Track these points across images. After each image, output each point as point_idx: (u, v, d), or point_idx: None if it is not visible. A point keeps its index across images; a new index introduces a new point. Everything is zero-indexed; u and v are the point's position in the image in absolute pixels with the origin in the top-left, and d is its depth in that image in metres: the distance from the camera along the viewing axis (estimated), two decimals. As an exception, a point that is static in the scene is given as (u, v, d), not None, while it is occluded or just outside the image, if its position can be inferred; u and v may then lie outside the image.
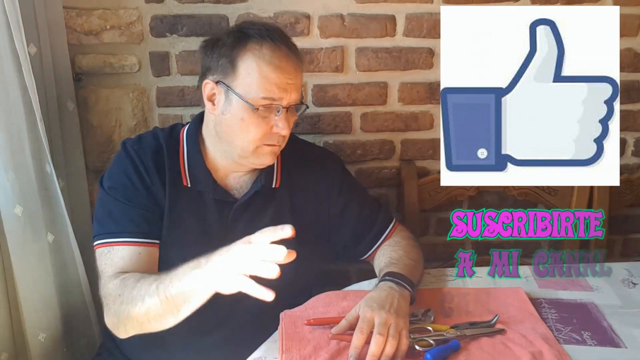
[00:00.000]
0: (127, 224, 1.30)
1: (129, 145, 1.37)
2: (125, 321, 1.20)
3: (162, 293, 1.13)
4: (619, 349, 1.21)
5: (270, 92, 1.27)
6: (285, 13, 1.72)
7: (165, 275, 1.16)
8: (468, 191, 1.85)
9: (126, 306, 1.18)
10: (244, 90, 1.27)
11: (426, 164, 1.90)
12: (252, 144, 1.30)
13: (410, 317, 1.26)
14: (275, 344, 1.21)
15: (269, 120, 1.29)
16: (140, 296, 1.16)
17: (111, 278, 1.25)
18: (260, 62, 1.27)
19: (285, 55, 1.29)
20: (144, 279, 1.19)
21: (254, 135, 1.29)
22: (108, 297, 1.24)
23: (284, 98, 1.28)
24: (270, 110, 1.28)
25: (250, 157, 1.32)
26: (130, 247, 1.29)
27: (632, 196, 1.90)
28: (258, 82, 1.26)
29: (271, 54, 1.28)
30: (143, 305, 1.15)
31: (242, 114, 1.28)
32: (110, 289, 1.23)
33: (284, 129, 1.29)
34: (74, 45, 1.68)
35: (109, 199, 1.33)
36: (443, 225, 1.98)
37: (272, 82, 1.26)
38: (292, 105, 1.31)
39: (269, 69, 1.27)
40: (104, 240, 1.30)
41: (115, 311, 1.21)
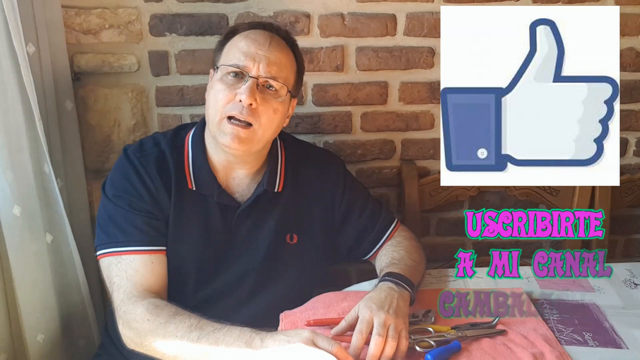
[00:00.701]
0: (135, 233, 1.30)
1: (131, 152, 1.36)
2: (148, 346, 1.19)
3: (201, 348, 1.13)
4: (621, 350, 1.21)
5: (237, 59, 1.29)
6: (285, 12, 1.72)
7: (209, 326, 1.16)
8: (469, 191, 1.85)
9: (155, 337, 1.18)
10: (221, 63, 1.32)
11: (427, 164, 1.90)
12: (217, 113, 1.29)
13: (411, 317, 1.26)
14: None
15: (234, 89, 1.28)
16: (175, 337, 1.16)
17: (139, 298, 1.24)
18: (238, 38, 1.33)
19: (264, 33, 1.33)
20: (181, 317, 1.19)
21: (218, 102, 1.29)
22: (132, 316, 1.22)
23: (251, 67, 1.28)
24: (238, 80, 1.29)
25: (218, 132, 1.30)
26: (141, 256, 1.29)
27: (633, 196, 1.90)
28: (230, 52, 1.31)
29: (251, 32, 1.33)
30: (176, 346, 1.15)
31: (214, 84, 1.31)
32: (139, 311, 1.22)
33: (246, 97, 1.25)
34: (72, 45, 1.67)
35: (113, 207, 1.32)
36: (444, 225, 1.98)
37: (240, 50, 1.30)
38: (264, 80, 1.29)
39: (241, 40, 1.32)
40: (112, 250, 1.30)
41: (140, 332, 1.20)
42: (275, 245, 1.39)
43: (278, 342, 1.08)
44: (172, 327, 1.17)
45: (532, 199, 1.88)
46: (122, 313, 1.25)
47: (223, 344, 1.12)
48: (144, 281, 1.27)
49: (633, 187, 1.89)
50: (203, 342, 1.13)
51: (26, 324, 1.44)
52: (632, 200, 1.90)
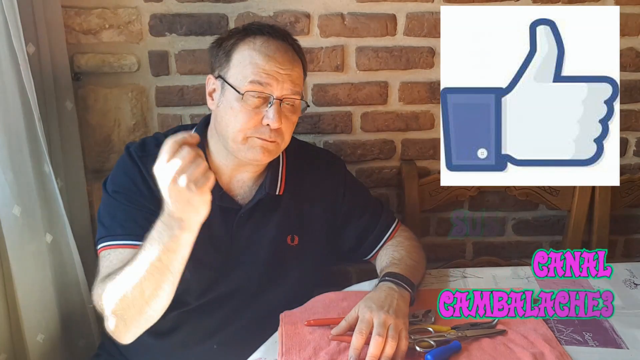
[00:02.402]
0: (133, 227, 1.28)
1: (133, 151, 1.36)
2: (126, 321, 1.17)
3: (143, 266, 1.11)
4: (621, 350, 1.21)
5: (258, 79, 1.25)
6: (285, 12, 1.72)
7: (135, 254, 1.13)
8: (469, 191, 1.85)
9: (116, 306, 1.15)
10: (235, 79, 1.27)
11: (427, 164, 1.90)
12: (241, 133, 1.26)
13: (411, 317, 1.26)
14: (275, 344, 1.21)
15: (259, 111, 1.26)
16: (124, 285, 1.13)
17: (99, 283, 1.22)
18: (251, 51, 1.27)
19: (279, 47, 1.29)
20: (119, 271, 1.16)
21: (242, 124, 1.26)
22: (97, 304, 1.21)
23: (274, 87, 1.26)
24: (262, 101, 1.26)
25: (242, 148, 1.28)
26: (133, 250, 1.27)
27: (633, 196, 1.89)
28: (247, 69, 1.26)
29: (264, 44, 1.28)
30: (133, 289, 1.12)
31: (232, 103, 1.27)
32: (95, 295, 1.21)
33: (274, 120, 1.24)
34: (72, 45, 1.67)
35: (113, 203, 1.32)
36: (444, 225, 1.98)
37: (260, 68, 1.26)
38: (287, 99, 1.28)
39: (258, 56, 1.26)
40: (108, 243, 1.29)
41: (110, 315, 1.18)
42: (276, 247, 1.39)
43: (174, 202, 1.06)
44: (119, 283, 1.14)
45: (532, 199, 1.88)
46: (96, 305, 1.23)
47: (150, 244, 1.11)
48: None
49: (633, 187, 1.88)
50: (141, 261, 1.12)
51: (26, 324, 1.44)
52: (632, 200, 1.90)
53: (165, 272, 1.11)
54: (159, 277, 1.12)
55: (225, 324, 1.36)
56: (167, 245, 1.09)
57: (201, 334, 1.36)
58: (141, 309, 1.15)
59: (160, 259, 1.10)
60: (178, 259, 1.11)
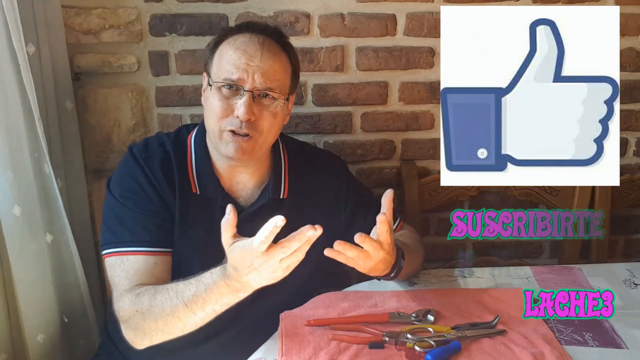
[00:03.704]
0: (142, 233, 1.29)
1: (136, 152, 1.35)
2: (152, 334, 1.21)
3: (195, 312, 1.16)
4: (621, 350, 1.21)
5: (229, 72, 1.27)
6: (285, 12, 1.72)
7: (187, 290, 1.17)
8: (469, 191, 1.85)
9: (150, 322, 1.19)
10: (214, 75, 1.30)
11: (427, 164, 1.90)
12: (216, 125, 1.29)
13: (411, 317, 1.27)
14: (275, 344, 1.21)
15: (231, 102, 1.27)
16: (167, 314, 1.17)
17: (126, 292, 1.24)
18: (228, 47, 1.30)
19: (255, 41, 1.30)
20: (160, 295, 1.20)
21: (216, 116, 1.28)
22: (122, 312, 1.23)
23: (244, 80, 1.26)
24: (233, 93, 1.27)
25: (219, 143, 1.30)
26: (146, 257, 1.28)
27: (633, 196, 1.89)
28: (222, 63, 1.29)
29: (240, 39, 1.30)
30: (174, 322, 1.17)
31: (210, 96, 1.30)
32: (125, 305, 1.22)
33: (242, 112, 1.25)
34: (72, 45, 1.67)
35: (120, 207, 1.31)
36: (444, 225, 1.98)
37: (231, 63, 1.28)
38: (259, 91, 1.28)
39: (232, 51, 1.29)
40: (117, 250, 1.29)
41: (137, 326, 1.21)
42: None
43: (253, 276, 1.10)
44: (158, 308, 1.18)
45: (532, 199, 1.88)
46: (117, 313, 1.25)
47: (212, 302, 1.15)
48: (141, 281, 1.27)
49: (633, 187, 1.88)
50: (193, 307, 1.15)
51: (26, 324, 1.44)
52: (632, 200, 1.90)
53: (212, 317, 1.18)
54: (206, 319, 1.18)
55: (226, 325, 1.36)
56: (228, 303, 1.15)
57: (202, 335, 1.35)
58: (173, 334, 1.21)
59: (215, 310, 1.16)
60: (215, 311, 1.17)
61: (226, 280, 1.12)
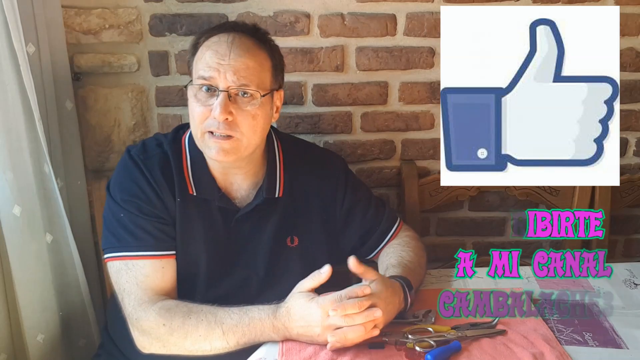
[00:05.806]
0: (146, 237, 1.29)
1: (135, 154, 1.35)
2: (172, 348, 1.23)
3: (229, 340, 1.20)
4: (621, 350, 1.21)
5: (202, 72, 1.27)
6: (285, 12, 1.72)
7: (228, 319, 1.21)
8: (469, 191, 1.85)
9: (176, 339, 1.21)
10: (193, 77, 1.31)
11: (427, 164, 1.90)
12: (197, 129, 1.29)
13: (411, 317, 1.27)
14: (275, 344, 1.21)
15: (208, 104, 1.27)
16: (199, 336, 1.20)
17: (149, 304, 1.25)
18: (202, 50, 1.30)
19: (224, 40, 1.29)
20: (196, 315, 1.22)
21: (195, 119, 1.28)
22: (145, 322, 1.24)
23: (217, 79, 1.26)
24: (210, 94, 1.27)
25: (203, 145, 1.31)
26: (152, 261, 1.29)
27: (633, 196, 1.89)
28: (198, 65, 1.29)
29: (211, 41, 1.30)
30: (204, 344, 1.20)
31: (189, 99, 1.31)
32: (151, 317, 1.23)
33: (219, 113, 1.24)
34: (72, 45, 1.67)
35: (122, 211, 1.31)
36: (444, 225, 1.98)
37: (204, 63, 1.28)
38: (234, 90, 1.26)
39: (206, 52, 1.29)
40: (121, 254, 1.29)
41: (159, 338, 1.23)
42: (276, 249, 1.39)
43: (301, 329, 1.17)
44: (191, 327, 1.20)
45: (532, 199, 1.88)
46: (134, 320, 1.25)
47: (250, 336, 1.19)
48: (154, 286, 1.28)
49: (633, 187, 1.88)
50: (229, 336, 1.19)
51: (26, 324, 1.44)
52: (632, 200, 1.90)
53: (235, 350, 1.21)
54: (231, 350, 1.22)
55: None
56: (261, 340, 1.21)
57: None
58: (192, 353, 1.23)
59: (246, 343, 1.21)
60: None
61: (274, 320, 1.18)
